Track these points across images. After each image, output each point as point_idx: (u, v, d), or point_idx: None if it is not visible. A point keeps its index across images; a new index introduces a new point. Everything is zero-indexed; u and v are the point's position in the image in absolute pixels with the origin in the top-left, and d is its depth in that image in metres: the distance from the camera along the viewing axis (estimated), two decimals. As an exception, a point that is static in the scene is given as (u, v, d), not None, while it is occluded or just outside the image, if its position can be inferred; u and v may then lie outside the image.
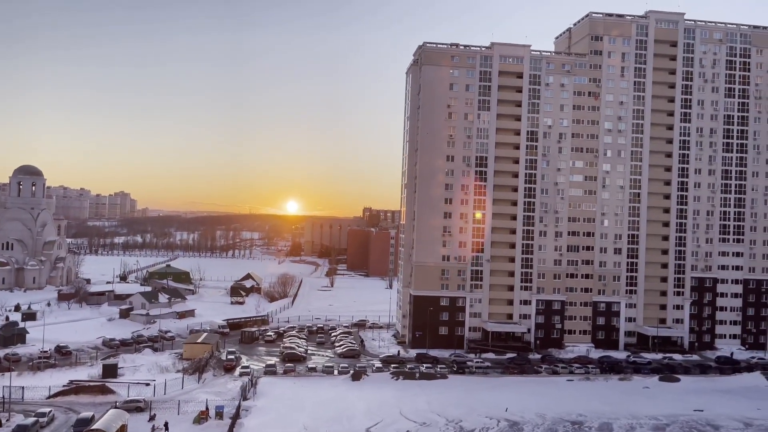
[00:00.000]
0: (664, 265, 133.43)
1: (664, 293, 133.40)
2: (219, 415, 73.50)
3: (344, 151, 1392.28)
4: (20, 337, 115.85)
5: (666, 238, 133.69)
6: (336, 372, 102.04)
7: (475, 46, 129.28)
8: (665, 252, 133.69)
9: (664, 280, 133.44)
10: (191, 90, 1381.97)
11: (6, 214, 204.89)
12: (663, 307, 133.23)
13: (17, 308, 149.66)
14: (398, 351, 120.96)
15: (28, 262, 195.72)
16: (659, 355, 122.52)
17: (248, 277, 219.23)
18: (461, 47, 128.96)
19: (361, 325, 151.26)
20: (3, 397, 75.41)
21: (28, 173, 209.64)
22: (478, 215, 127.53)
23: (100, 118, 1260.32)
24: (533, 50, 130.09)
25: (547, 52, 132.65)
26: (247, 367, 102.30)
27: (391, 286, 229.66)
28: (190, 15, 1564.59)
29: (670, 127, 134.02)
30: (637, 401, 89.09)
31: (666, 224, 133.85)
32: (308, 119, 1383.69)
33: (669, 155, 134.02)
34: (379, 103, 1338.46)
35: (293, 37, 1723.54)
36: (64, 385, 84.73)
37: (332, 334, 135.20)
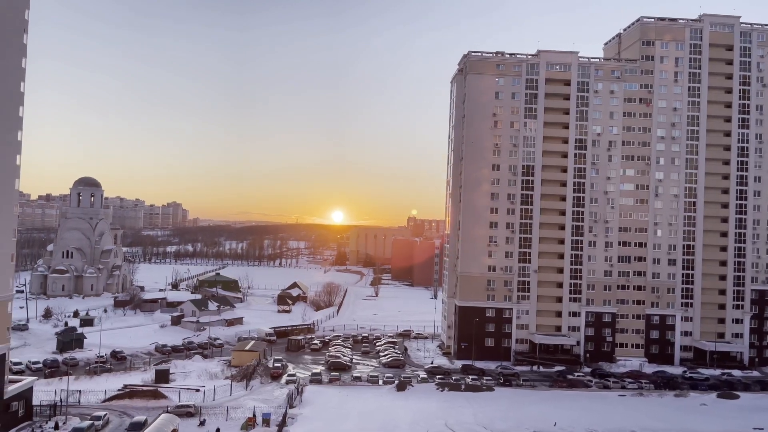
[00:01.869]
0: (722, 277, 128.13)
1: (722, 306, 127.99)
2: (266, 422, 74.53)
3: (389, 160, 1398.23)
4: (78, 342, 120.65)
5: (724, 248, 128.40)
6: (381, 382, 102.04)
7: (521, 54, 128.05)
8: (723, 263, 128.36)
9: (723, 292, 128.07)
10: (239, 102, 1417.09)
11: (66, 224, 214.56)
12: (721, 320, 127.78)
13: (76, 314, 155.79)
14: (433, 361, 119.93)
15: (86, 270, 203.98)
16: (717, 371, 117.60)
17: (295, 285, 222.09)
18: (506, 56, 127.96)
19: (405, 335, 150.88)
20: (61, 400, 78.44)
21: (87, 185, 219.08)
22: (525, 225, 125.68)
23: (153, 132, 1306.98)
24: (581, 57, 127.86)
25: (595, 58, 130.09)
26: (294, 375, 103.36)
27: (435, 296, 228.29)
28: (221, 18, 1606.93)
29: (728, 134, 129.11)
30: (694, 419, 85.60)
31: (724, 234, 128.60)
32: (353, 129, 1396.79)
33: (726, 162, 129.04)
34: (424, 111, 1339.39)
35: (343, 42, 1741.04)
36: (118, 390, 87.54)
37: (377, 344, 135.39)
